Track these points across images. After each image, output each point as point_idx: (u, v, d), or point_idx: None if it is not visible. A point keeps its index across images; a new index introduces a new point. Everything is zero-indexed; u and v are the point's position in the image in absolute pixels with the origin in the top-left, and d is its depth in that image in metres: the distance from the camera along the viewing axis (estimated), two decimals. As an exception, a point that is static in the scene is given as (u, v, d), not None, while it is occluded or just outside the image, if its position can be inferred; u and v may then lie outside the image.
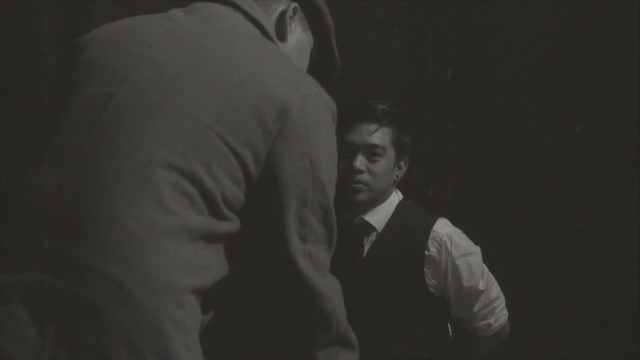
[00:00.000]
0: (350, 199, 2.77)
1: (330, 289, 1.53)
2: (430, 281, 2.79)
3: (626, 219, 3.43)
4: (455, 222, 2.88)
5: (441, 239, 2.79)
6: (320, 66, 1.79)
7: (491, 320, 2.86)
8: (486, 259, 2.89)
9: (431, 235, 2.79)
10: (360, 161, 2.75)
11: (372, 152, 2.77)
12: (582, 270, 3.43)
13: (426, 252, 2.78)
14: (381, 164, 2.78)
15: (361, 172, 2.75)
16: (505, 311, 2.90)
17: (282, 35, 1.70)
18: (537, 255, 3.46)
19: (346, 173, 2.70)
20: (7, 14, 3.27)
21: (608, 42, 3.47)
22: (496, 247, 3.14)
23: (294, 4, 1.72)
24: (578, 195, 3.47)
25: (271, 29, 1.67)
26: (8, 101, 3.25)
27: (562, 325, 3.41)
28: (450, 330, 2.89)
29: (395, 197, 2.88)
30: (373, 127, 2.77)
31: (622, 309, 3.41)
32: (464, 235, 2.85)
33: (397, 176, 2.86)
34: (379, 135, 2.78)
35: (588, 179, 3.46)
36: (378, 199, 2.82)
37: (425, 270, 2.78)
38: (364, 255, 2.80)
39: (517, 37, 3.51)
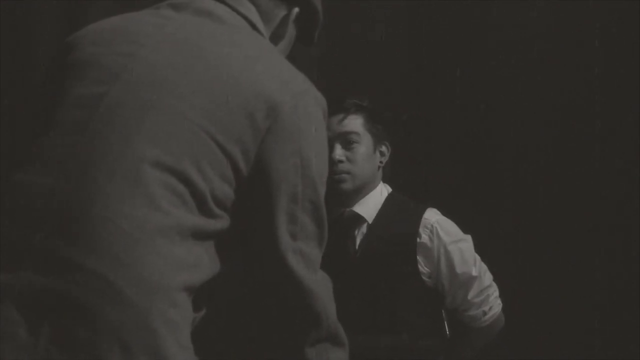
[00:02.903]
0: (336, 190, 2.77)
1: (320, 287, 1.52)
2: (424, 269, 2.79)
3: (626, 219, 3.43)
4: (455, 222, 2.88)
5: (432, 226, 2.79)
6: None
7: (486, 308, 2.86)
8: (486, 259, 2.89)
9: (422, 223, 2.80)
10: (337, 152, 2.77)
11: (347, 140, 2.80)
12: (582, 270, 3.43)
13: (418, 240, 2.78)
14: (359, 150, 2.81)
15: (341, 161, 2.78)
16: (499, 301, 2.90)
17: (279, 37, 1.69)
18: (537, 255, 3.45)
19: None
20: (7, 14, 3.28)
21: (608, 42, 3.46)
22: (496, 247, 3.14)
23: (296, 9, 1.71)
24: (578, 195, 3.46)
25: (267, 32, 1.66)
26: (8, 101, 3.26)
27: (562, 325, 3.41)
28: (446, 325, 2.88)
29: (384, 189, 2.89)
30: (341, 116, 2.81)
31: (622, 309, 3.40)
32: (454, 224, 2.85)
33: (381, 162, 2.88)
34: (349, 122, 2.81)
35: (588, 179, 3.46)
36: (365, 188, 2.84)
37: (418, 257, 2.78)
38: (357, 247, 2.81)
39: (517, 37, 3.51)
